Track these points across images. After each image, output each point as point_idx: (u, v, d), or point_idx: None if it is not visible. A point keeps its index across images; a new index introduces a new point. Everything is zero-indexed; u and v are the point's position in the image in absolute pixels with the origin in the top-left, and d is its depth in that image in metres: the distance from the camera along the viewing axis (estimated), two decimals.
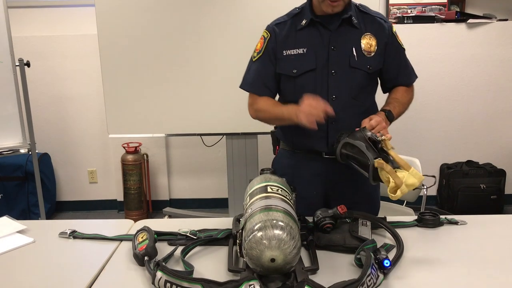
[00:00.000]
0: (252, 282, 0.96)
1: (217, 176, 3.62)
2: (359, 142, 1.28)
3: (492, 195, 3.40)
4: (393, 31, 1.59)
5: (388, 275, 1.07)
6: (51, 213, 3.62)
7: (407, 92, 1.62)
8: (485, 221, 1.43)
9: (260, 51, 1.56)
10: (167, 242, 1.28)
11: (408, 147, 3.59)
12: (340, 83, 1.50)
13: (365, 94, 1.56)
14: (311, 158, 1.58)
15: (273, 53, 1.54)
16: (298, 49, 1.51)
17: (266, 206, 1.07)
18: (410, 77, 1.64)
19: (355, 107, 1.52)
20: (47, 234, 1.38)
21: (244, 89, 1.62)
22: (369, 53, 1.51)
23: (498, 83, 3.49)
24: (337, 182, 1.59)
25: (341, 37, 1.50)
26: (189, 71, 2.80)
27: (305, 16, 1.52)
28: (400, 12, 3.51)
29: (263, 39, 1.57)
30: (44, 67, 3.51)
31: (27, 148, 2.77)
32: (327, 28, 1.50)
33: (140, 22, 2.77)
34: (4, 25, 2.63)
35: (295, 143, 1.60)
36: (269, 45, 1.54)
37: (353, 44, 1.50)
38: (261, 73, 1.57)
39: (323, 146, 1.54)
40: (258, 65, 1.57)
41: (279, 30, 1.54)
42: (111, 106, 2.86)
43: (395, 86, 1.62)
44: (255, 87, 1.59)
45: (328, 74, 1.49)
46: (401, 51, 1.62)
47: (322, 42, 1.50)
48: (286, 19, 1.57)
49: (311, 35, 1.51)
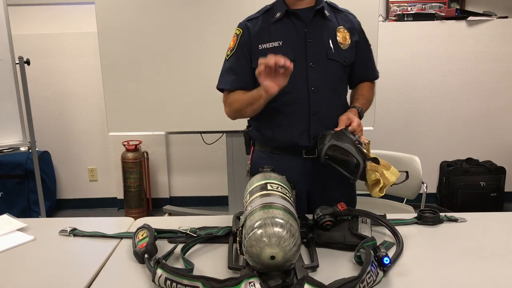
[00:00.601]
0: (252, 280, 0.96)
1: (217, 174, 3.62)
2: (348, 145, 1.32)
3: (492, 193, 3.41)
4: (361, 27, 1.62)
5: (388, 272, 1.07)
6: (51, 211, 3.63)
7: (371, 88, 1.67)
8: (485, 218, 1.43)
9: (233, 48, 1.55)
10: (167, 239, 1.28)
11: (408, 144, 3.59)
12: (319, 75, 1.51)
13: (342, 86, 1.60)
14: (291, 159, 1.55)
15: (247, 48, 1.53)
16: (273, 42, 1.50)
17: (266, 204, 1.07)
18: (375, 73, 1.69)
19: (334, 99, 1.55)
20: (48, 232, 1.38)
21: (219, 88, 1.60)
22: (344, 45, 1.53)
23: (498, 81, 3.49)
24: (318, 182, 1.57)
25: (316, 29, 1.51)
26: (189, 69, 2.80)
27: (278, 10, 1.53)
28: (400, 9, 3.50)
29: (235, 36, 1.56)
30: (44, 65, 3.51)
31: (27, 146, 2.77)
32: (301, 20, 1.51)
33: (140, 20, 2.77)
34: (4, 23, 2.63)
35: (275, 138, 1.56)
36: (242, 40, 1.53)
37: (329, 36, 1.52)
38: (235, 69, 1.55)
39: (305, 139, 1.52)
40: (231, 63, 1.56)
41: (251, 25, 1.54)
42: (111, 104, 2.86)
43: (362, 81, 1.66)
44: (227, 84, 1.57)
45: (307, 66, 1.50)
46: (369, 46, 1.65)
47: (298, 35, 1.51)
48: (257, 15, 1.57)
49: (286, 28, 1.52)
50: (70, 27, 3.50)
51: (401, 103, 3.54)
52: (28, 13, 3.49)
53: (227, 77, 1.57)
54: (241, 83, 1.54)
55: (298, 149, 1.54)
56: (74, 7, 3.49)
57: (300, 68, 1.49)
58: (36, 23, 3.51)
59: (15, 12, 3.36)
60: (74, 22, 3.50)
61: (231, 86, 1.56)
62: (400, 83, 3.50)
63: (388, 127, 3.55)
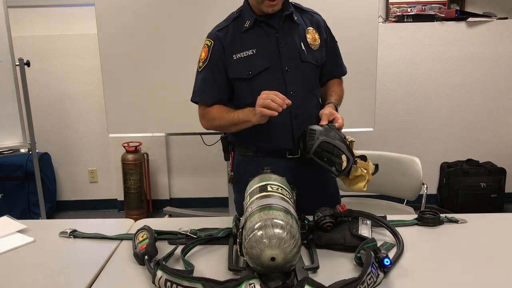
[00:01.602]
0: (252, 281, 0.96)
1: (217, 175, 3.62)
2: (339, 142, 1.34)
3: (492, 194, 3.40)
4: (326, 24, 1.64)
5: (388, 273, 1.07)
6: (52, 213, 3.62)
7: (341, 85, 1.69)
8: (486, 219, 1.43)
9: (205, 60, 1.53)
10: (167, 241, 1.28)
11: (408, 145, 3.59)
12: (295, 78, 1.52)
13: (317, 87, 1.62)
14: (274, 160, 1.52)
15: (220, 60, 1.52)
16: (247, 51, 1.50)
17: (266, 205, 1.07)
18: (343, 69, 1.71)
19: (311, 100, 1.57)
20: (48, 233, 1.38)
21: (194, 101, 1.59)
22: (315, 46, 1.55)
23: (498, 82, 3.49)
24: (303, 183, 1.54)
25: (287, 34, 1.52)
26: (189, 70, 2.79)
27: (247, 18, 1.52)
28: (400, 10, 3.51)
29: (206, 47, 1.54)
30: (44, 67, 3.51)
31: (27, 147, 2.77)
32: (271, 27, 1.51)
33: (139, 21, 2.77)
34: (4, 24, 2.63)
35: (259, 147, 1.57)
36: (215, 52, 1.52)
37: (300, 39, 1.53)
38: (209, 82, 1.54)
39: (289, 143, 1.53)
40: (205, 74, 1.54)
41: (222, 35, 1.53)
42: (111, 105, 2.86)
43: (330, 79, 1.67)
44: (204, 97, 1.56)
45: (282, 71, 1.50)
46: (335, 43, 1.67)
47: (270, 41, 1.51)
48: (226, 24, 1.56)
49: (257, 36, 1.51)
50: (70, 29, 3.50)
51: (401, 104, 3.54)
52: (28, 15, 3.49)
53: (203, 90, 1.56)
54: (218, 97, 1.55)
55: (282, 151, 1.55)
56: (74, 9, 3.49)
57: (277, 74, 1.50)
58: (36, 25, 3.51)
59: (15, 14, 3.37)
60: (74, 24, 3.50)
61: (209, 101, 1.55)
62: (400, 84, 3.50)
63: (388, 128, 3.55)
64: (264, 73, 1.50)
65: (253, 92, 1.46)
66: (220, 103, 1.55)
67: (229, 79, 1.53)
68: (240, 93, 1.55)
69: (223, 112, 1.52)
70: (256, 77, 1.50)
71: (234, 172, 1.65)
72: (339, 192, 1.73)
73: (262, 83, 1.47)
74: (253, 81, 1.50)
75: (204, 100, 1.56)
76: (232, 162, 1.67)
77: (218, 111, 1.54)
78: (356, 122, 2.76)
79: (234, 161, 1.66)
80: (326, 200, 1.41)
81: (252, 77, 1.50)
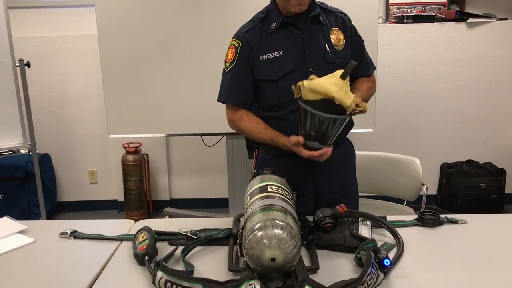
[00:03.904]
0: (253, 282, 0.96)
1: (217, 176, 3.62)
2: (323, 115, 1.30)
3: (492, 195, 3.40)
4: (352, 23, 1.62)
5: (388, 274, 1.07)
6: (52, 214, 3.62)
7: (369, 82, 1.66)
8: (486, 220, 1.43)
9: (232, 61, 1.54)
10: (168, 242, 1.28)
11: (408, 146, 3.59)
12: None
13: None
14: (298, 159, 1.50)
15: (247, 61, 1.52)
16: (274, 52, 1.51)
17: (266, 206, 1.07)
18: (369, 69, 1.68)
19: None
20: (48, 234, 1.38)
21: (221, 101, 1.60)
22: (339, 46, 1.55)
23: (498, 83, 3.49)
24: (325, 177, 1.58)
25: (313, 34, 1.52)
26: (189, 71, 2.80)
27: (274, 19, 1.52)
28: (400, 11, 3.51)
29: (233, 48, 1.54)
30: (45, 68, 3.51)
31: (27, 148, 2.78)
32: (298, 28, 1.51)
33: (140, 22, 2.77)
34: (5, 25, 2.64)
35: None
36: (242, 53, 1.52)
37: (324, 40, 1.53)
38: (237, 83, 1.55)
39: None
40: (232, 75, 1.55)
41: (250, 36, 1.53)
42: (111, 106, 2.86)
43: (357, 78, 1.64)
44: (230, 98, 1.57)
45: (307, 72, 1.50)
46: (362, 43, 1.65)
47: (296, 42, 1.51)
48: (253, 24, 1.56)
49: (284, 37, 1.52)
50: (70, 30, 3.50)
51: (401, 105, 3.54)
52: (29, 16, 3.50)
53: (229, 91, 1.57)
54: (244, 97, 1.56)
55: None
56: (75, 9, 3.49)
57: (302, 75, 1.49)
58: (36, 26, 3.51)
59: (16, 15, 3.37)
60: (75, 24, 3.50)
61: (235, 102, 1.57)
62: (400, 85, 3.50)
63: (388, 129, 3.55)
64: (290, 75, 1.50)
65: (278, 93, 1.49)
66: (246, 103, 1.57)
67: (255, 80, 1.54)
68: (265, 93, 1.56)
69: (256, 122, 1.55)
70: (282, 78, 1.50)
71: (258, 169, 1.65)
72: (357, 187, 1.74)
73: (287, 85, 1.47)
74: (278, 83, 1.51)
75: (230, 101, 1.58)
76: (256, 160, 1.68)
77: (249, 118, 1.55)
78: (356, 122, 2.73)
79: (258, 159, 1.67)
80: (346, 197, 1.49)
81: (278, 78, 1.51)
